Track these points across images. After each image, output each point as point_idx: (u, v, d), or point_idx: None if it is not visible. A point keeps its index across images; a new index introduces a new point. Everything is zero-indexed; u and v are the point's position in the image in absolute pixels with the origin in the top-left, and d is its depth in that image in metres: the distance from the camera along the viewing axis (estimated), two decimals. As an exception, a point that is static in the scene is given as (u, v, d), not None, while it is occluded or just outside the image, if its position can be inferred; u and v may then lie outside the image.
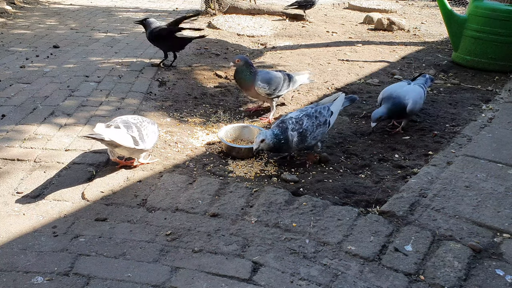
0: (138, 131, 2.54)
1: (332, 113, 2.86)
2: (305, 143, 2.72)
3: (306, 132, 2.70)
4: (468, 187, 2.47)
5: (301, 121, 2.71)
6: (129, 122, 2.56)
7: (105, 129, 2.45)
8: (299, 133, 2.68)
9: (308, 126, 2.71)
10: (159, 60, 4.82)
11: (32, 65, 4.53)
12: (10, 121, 3.20)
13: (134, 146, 2.49)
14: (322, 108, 2.83)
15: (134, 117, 2.66)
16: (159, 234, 2.09)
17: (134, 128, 2.54)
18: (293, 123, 2.70)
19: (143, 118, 2.70)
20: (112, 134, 2.42)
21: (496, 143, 2.99)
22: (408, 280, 1.84)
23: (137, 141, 2.51)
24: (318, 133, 2.76)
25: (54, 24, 6.74)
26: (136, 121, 2.60)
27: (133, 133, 2.51)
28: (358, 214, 2.25)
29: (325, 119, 2.79)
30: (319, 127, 2.75)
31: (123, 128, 2.50)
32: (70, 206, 2.29)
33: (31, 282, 1.77)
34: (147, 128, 2.62)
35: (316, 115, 2.76)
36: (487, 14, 4.80)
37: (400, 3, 10.44)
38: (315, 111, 2.79)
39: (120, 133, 2.46)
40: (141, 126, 2.58)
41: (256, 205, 2.32)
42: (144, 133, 2.57)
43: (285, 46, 6.01)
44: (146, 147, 2.59)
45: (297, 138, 2.68)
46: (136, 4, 9.21)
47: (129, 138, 2.48)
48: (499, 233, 2.11)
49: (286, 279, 1.83)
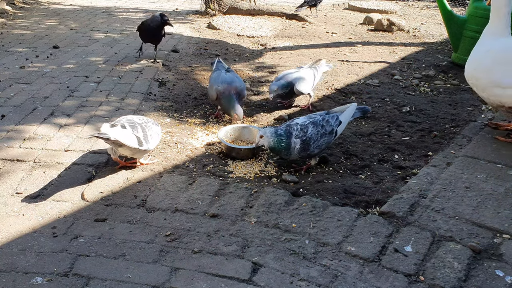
0: (143, 132, 2.55)
1: (340, 122, 2.77)
2: (307, 151, 2.66)
3: (310, 141, 2.64)
4: (468, 187, 2.47)
5: (306, 129, 2.65)
6: (134, 122, 2.56)
7: (111, 128, 2.45)
8: (302, 141, 2.62)
9: (312, 134, 2.64)
10: (159, 59, 4.83)
11: (32, 65, 4.53)
12: (10, 121, 3.19)
13: (138, 146, 2.50)
14: (330, 117, 2.75)
15: (139, 117, 2.67)
16: (159, 235, 2.09)
17: (139, 128, 2.54)
18: (298, 130, 2.64)
19: (148, 119, 2.70)
20: (117, 134, 2.42)
21: (496, 143, 2.99)
22: (408, 281, 1.84)
23: (142, 141, 2.51)
24: (323, 142, 2.69)
25: (54, 25, 6.74)
26: (141, 122, 2.61)
27: (138, 134, 2.51)
28: (358, 214, 2.25)
29: (331, 128, 2.70)
30: (324, 137, 2.68)
31: (129, 128, 2.50)
32: (69, 206, 2.29)
33: (30, 282, 1.77)
34: (151, 129, 2.63)
35: (322, 124, 2.69)
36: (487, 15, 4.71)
37: (400, 4, 10.45)
38: (322, 119, 2.71)
39: (125, 133, 2.46)
40: (146, 127, 2.59)
41: (256, 205, 2.32)
42: (149, 134, 2.58)
43: (285, 47, 6.01)
44: (149, 148, 2.59)
45: (300, 146, 2.62)
46: (136, 5, 9.21)
47: (134, 139, 2.48)
48: (499, 234, 2.11)
49: (286, 280, 1.83)
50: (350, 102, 4.00)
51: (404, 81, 4.66)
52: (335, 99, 4.07)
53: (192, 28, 6.91)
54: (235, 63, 5.17)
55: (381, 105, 3.91)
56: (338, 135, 2.79)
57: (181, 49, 5.52)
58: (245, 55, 5.54)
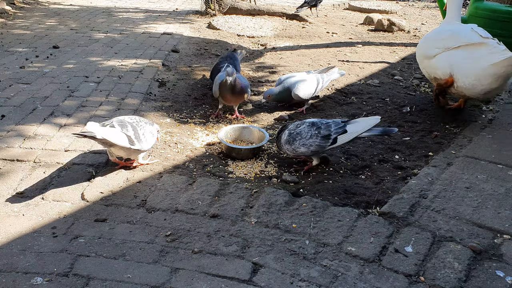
0: (134, 131, 2.51)
1: (345, 131, 2.67)
2: (292, 145, 2.70)
3: (296, 136, 2.68)
4: (469, 188, 2.47)
5: (300, 125, 2.73)
6: (124, 121, 2.53)
7: (98, 127, 2.39)
8: (290, 133, 2.71)
9: (302, 131, 2.68)
10: (159, 60, 4.83)
11: (32, 65, 4.53)
12: (9, 121, 3.19)
13: (129, 145, 2.46)
14: (334, 123, 2.71)
15: (131, 117, 2.64)
16: (159, 235, 2.09)
17: (130, 127, 2.50)
18: (294, 125, 2.75)
19: (141, 118, 2.67)
20: (104, 132, 2.37)
21: (497, 144, 2.99)
22: (408, 281, 1.84)
23: (133, 140, 2.48)
24: (312, 142, 2.65)
25: (54, 25, 6.74)
26: (132, 121, 2.57)
27: (128, 132, 2.47)
28: (358, 215, 2.25)
29: (328, 133, 2.65)
30: (314, 138, 2.65)
31: (118, 126, 2.46)
32: (69, 206, 2.29)
33: (30, 283, 1.77)
34: (143, 128, 2.59)
35: (320, 126, 2.67)
36: (487, 15, 4.79)
37: (400, 4, 10.44)
38: (326, 123, 2.70)
39: (113, 132, 2.42)
40: (137, 126, 2.55)
41: (256, 206, 2.32)
42: (141, 133, 2.54)
43: (285, 47, 6.01)
44: (143, 148, 2.56)
45: (286, 137, 2.73)
46: (136, 5, 9.21)
47: (124, 137, 2.44)
48: (499, 234, 2.11)
49: (286, 280, 1.82)
50: (351, 102, 4.01)
51: (405, 81, 4.66)
52: (335, 99, 4.06)
53: (192, 28, 6.91)
54: (235, 63, 5.16)
55: (382, 105, 3.91)
56: (339, 143, 2.69)
57: (181, 49, 5.52)
58: (245, 55, 5.53)
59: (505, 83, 3.23)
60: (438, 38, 3.55)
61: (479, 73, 3.18)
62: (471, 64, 3.22)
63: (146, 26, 6.83)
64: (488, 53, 3.13)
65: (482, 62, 3.15)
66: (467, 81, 3.26)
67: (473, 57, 3.22)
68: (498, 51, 3.11)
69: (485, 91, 3.23)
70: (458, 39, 3.34)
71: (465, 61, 3.26)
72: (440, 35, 3.57)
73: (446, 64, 3.38)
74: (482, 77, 3.17)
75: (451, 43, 3.37)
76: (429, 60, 3.56)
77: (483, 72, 3.15)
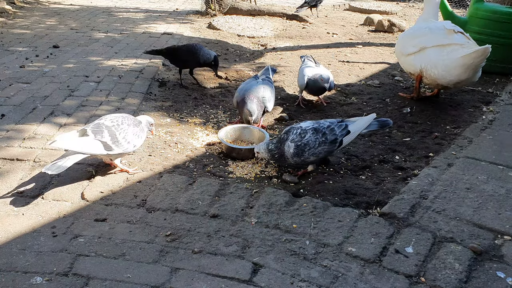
0: (111, 135, 2.41)
1: (349, 132, 2.64)
2: (301, 157, 2.58)
3: (305, 147, 2.55)
4: (469, 189, 2.47)
5: (305, 134, 2.58)
6: (101, 126, 2.43)
7: (65, 140, 2.32)
8: (297, 146, 2.55)
9: (309, 141, 2.56)
10: (159, 60, 4.82)
11: (32, 65, 4.53)
12: (9, 120, 3.19)
13: (105, 151, 2.39)
14: (337, 125, 2.63)
15: (114, 118, 2.52)
16: (159, 235, 2.08)
17: (106, 132, 2.40)
18: (296, 134, 2.59)
19: (124, 119, 2.53)
20: (72, 144, 2.30)
21: (497, 145, 2.99)
22: (408, 282, 1.83)
23: (109, 146, 2.39)
24: (321, 150, 2.58)
25: (54, 24, 6.74)
26: (112, 124, 2.46)
27: (103, 139, 2.38)
28: (359, 215, 2.25)
29: (334, 137, 2.59)
30: (323, 145, 2.57)
31: (91, 134, 2.37)
32: (69, 206, 2.29)
33: (30, 282, 1.76)
34: (125, 131, 2.47)
35: (325, 132, 2.58)
36: (487, 16, 4.80)
37: (400, 4, 10.45)
38: (327, 127, 2.61)
39: (84, 142, 2.34)
40: (116, 130, 2.44)
41: (256, 206, 2.31)
42: (120, 137, 2.44)
43: (286, 47, 6.01)
44: (126, 150, 2.49)
45: (293, 151, 2.56)
46: (136, 5, 9.21)
47: (98, 144, 2.36)
48: (500, 235, 2.10)
49: (286, 281, 1.82)
50: (351, 103, 4.01)
51: (405, 82, 4.66)
52: (335, 100, 4.06)
53: (192, 28, 6.90)
54: (236, 63, 5.16)
55: (382, 106, 3.91)
56: (344, 145, 2.67)
57: (182, 49, 5.51)
58: (245, 56, 5.54)
59: (474, 75, 3.57)
60: (413, 35, 3.88)
61: (449, 64, 3.52)
62: (443, 57, 3.56)
63: (146, 26, 6.83)
64: (459, 47, 3.49)
65: (453, 55, 3.50)
66: (437, 72, 3.60)
67: (445, 52, 3.56)
68: (468, 46, 3.47)
69: (454, 82, 3.60)
70: (431, 39, 3.65)
71: (436, 56, 3.61)
72: (415, 33, 3.89)
73: (418, 62, 3.75)
74: (452, 68, 3.52)
75: (425, 43, 3.69)
76: (405, 57, 3.91)
77: (453, 63, 3.49)
